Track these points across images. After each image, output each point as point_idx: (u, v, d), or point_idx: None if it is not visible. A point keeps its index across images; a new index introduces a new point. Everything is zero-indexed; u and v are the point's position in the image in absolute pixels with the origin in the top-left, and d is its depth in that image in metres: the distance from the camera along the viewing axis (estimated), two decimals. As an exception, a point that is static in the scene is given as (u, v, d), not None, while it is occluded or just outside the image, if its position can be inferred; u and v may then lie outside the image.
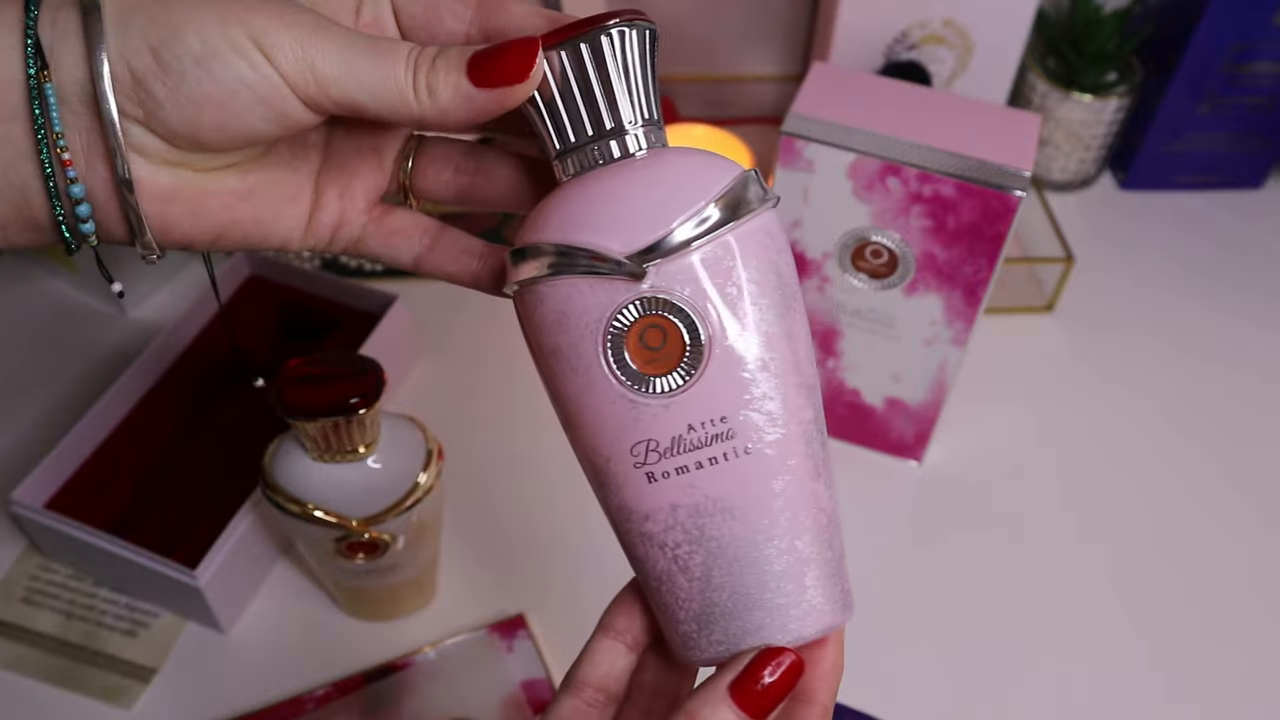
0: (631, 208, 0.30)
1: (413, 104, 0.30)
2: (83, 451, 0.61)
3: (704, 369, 0.30)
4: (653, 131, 0.32)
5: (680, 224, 0.30)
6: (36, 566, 0.60)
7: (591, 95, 0.31)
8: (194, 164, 0.31)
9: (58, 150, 0.29)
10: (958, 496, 0.66)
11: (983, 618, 0.60)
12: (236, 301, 0.69)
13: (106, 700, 0.55)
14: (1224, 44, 0.77)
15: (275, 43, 0.29)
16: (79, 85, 0.29)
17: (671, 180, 0.30)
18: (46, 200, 0.30)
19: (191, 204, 0.31)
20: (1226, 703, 0.57)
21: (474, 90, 0.30)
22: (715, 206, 0.30)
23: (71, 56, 0.28)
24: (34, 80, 0.28)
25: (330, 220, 0.35)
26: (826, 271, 0.59)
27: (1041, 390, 0.72)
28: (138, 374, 0.64)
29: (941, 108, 0.57)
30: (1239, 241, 0.83)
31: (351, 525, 0.50)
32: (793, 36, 0.84)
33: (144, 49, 0.28)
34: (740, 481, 0.31)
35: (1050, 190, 0.86)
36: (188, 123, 0.29)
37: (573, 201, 0.31)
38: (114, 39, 0.28)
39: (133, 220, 0.30)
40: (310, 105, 0.30)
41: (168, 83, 0.28)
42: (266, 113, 0.29)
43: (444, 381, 0.70)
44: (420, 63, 0.30)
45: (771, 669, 0.31)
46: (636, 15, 0.31)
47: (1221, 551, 0.64)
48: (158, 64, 0.28)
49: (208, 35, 0.28)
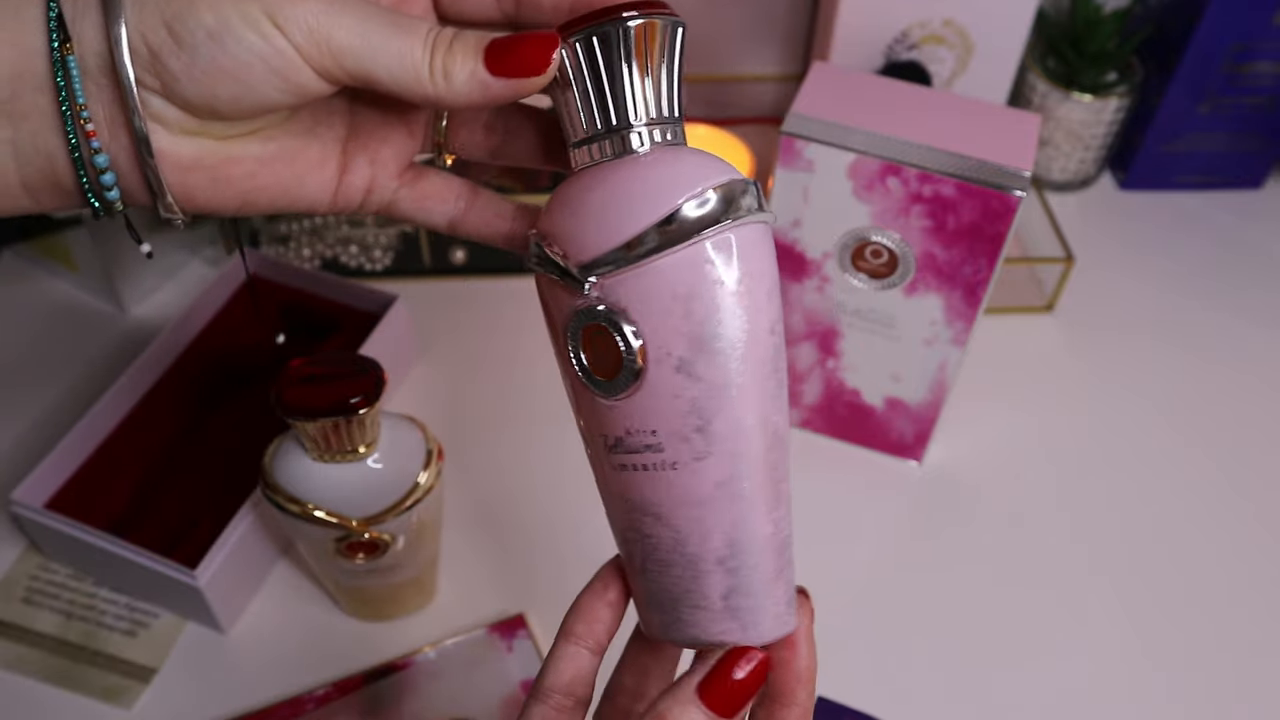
0: (596, 216, 0.30)
1: (427, 85, 0.30)
2: (83, 451, 0.61)
3: (638, 383, 0.31)
4: (664, 128, 0.31)
5: (622, 244, 0.30)
6: (36, 566, 0.60)
7: (600, 89, 0.31)
8: (214, 132, 0.31)
9: (81, 121, 0.30)
10: (957, 496, 0.66)
11: (982, 617, 0.60)
12: (237, 301, 0.69)
13: (106, 700, 0.55)
14: (1224, 44, 0.77)
15: (290, 15, 0.29)
16: (100, 57, 0.29)
17: (636, 192, 0.30)
18: (72, 167, 0.31)
19: (213, 171, 0.32)
20: (1225, 702, 0.57)
21: (489, 78, 0.30)
22: (656, 233, 0.29)
23: (92, 29, 0.29)
24: (57, 52, 0.29)
25: (360, 184, 0.35)
26: (826, 271, 0.59)
27: (1041, 390, 0.72)
28: (138, 374, 0.64)
29: (941, 108, 0.57)
30: (1239, 241, 0.83)
31: (351, 525, 0.50)
32: (793, 36, 0.84)
33: (159, 24, 0.29)
34: (665, 492, 0.31)
35: (1050, 190, 0.86)
36: (203, 94, 0.30)
37: (563, 196, 0.32)
38: (131, 13, 0.29)
39: (154, 187, 0.31)
40: (325, 76, 0.30)
41: (182, 56, 0.29)
42: (281, 84, 0.30)
43: (444, 381, 0.70)
44: (438, 44, 0.30)
45: (739, 668, 0.31)
46: (657, 7, 0.30)
47: (1221, 551, 0.64)
48: (172, 38, 0.29)
49: (221, 9, 0.29)
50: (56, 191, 0.31)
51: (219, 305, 0.69)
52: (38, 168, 0.31)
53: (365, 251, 0.74)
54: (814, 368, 0.64)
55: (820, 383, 0.65)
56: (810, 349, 0.64)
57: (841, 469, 0.67)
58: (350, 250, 0.74)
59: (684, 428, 0.30)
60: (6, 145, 0.30)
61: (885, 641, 0.59)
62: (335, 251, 0.74)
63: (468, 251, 0.75)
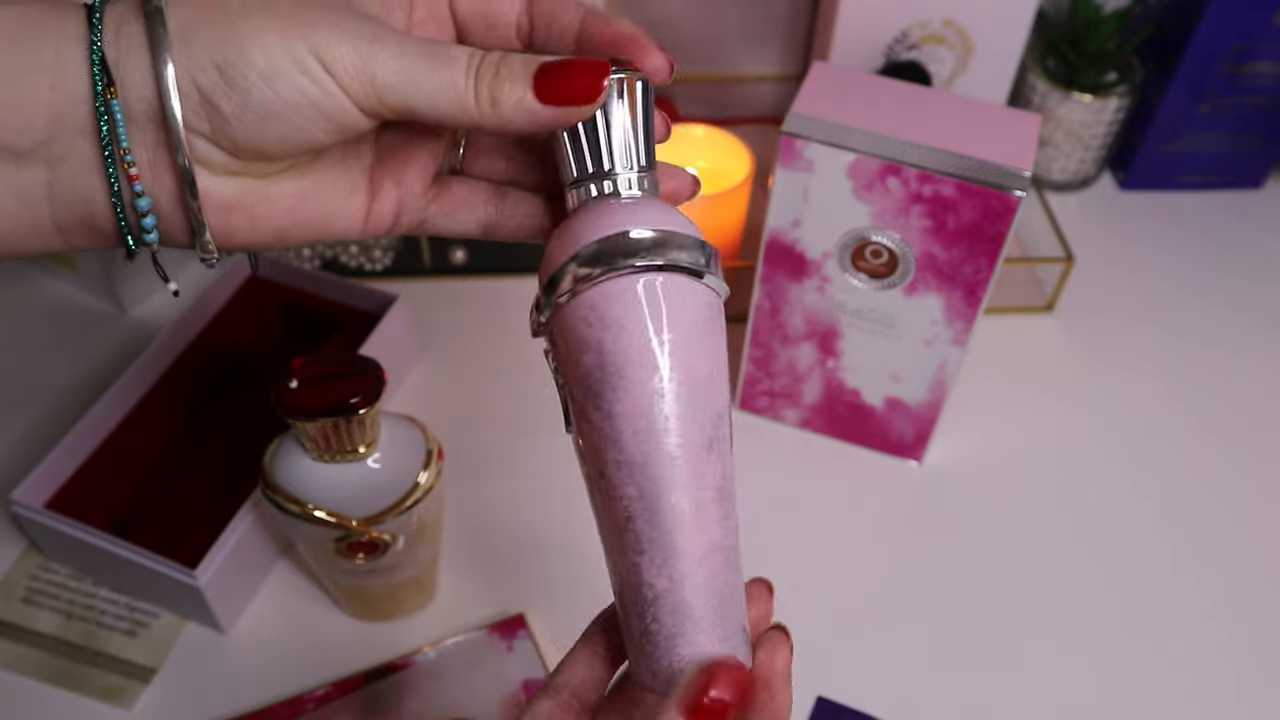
0: (560, 246, 0.31)
1: (473, 112, 0.30)
2: (83, 451, 0.61)
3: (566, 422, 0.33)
4: (649, 175, 0.32)
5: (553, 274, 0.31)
6: (36, 566, 0.60)
7: (603, 135, 0.31)
8: (254, 172, 0.31)
9: (125, 165, 0.29)
10: (958, 496, 0.66)
11: (982, 617, 0.60)
12: (236, 301, 0.69)
13: (106, 700, 0.55)
14: (1224, 44, 0.77)
15: (336, 56, 0.29)
16: (145, 101, 0.29)
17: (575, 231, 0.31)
18: (111, 210, 0.30)
19: (252, 210, 0.32)
20: (1227, 701, 0.57)
21: (538, 105, 0.30)
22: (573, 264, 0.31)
23: (138, 73, 0.29)
24: (100, 97, 0.29)
25: (389, 208, 0.35)
26: (826, 271, 0.59)
27: (1041, 390, 0.72)
28: (138, 374, 0.64)
29: (941, 108, 0.57)
30: (1239, 241, 0.83)
31: (351, 525, 0.50)
32: (793, 36, 0.84)
33: (210, 66, 0.29)
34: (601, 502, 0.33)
35: (1050, 190, 0.86)
36: (252, 136, 0.30)
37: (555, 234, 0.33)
38: (180, 55, 0.29)
39: (195, 227, 0.31)
40: (368, 113, 0.30)
41: (233, 98, 0.29)
42: (327, 124, 0.30)
43: (444, 381, 0.70)
44: (482, 71, 0.30)
45: (719, 687, 0.30)
46: (625, 64, 0.31)
47: (1222, 550, 0.64)
48: (224, 81, 0.29)
49: (271, 51, 0.29)
50: (91, 233, 0.31)
51: (219, 305, 0.69)
52: (73, 210, 0.30)
53: (365, 251, 0.74)
54: (814, 368, 0.64)
55: (820, 383, 0.65)
56: (810, 349, 0.64)
57: (841, 469, 0.67)
58: (350, 250, 0.74)
59: (591, 468, 0.32)
60: (42, 188, 0.30)
61: (885, 641, 0.59)
62: (335, 251, 0.74)
63: (468, 251, 0.75)
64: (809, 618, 0.60)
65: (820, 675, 0.57)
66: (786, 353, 0.64)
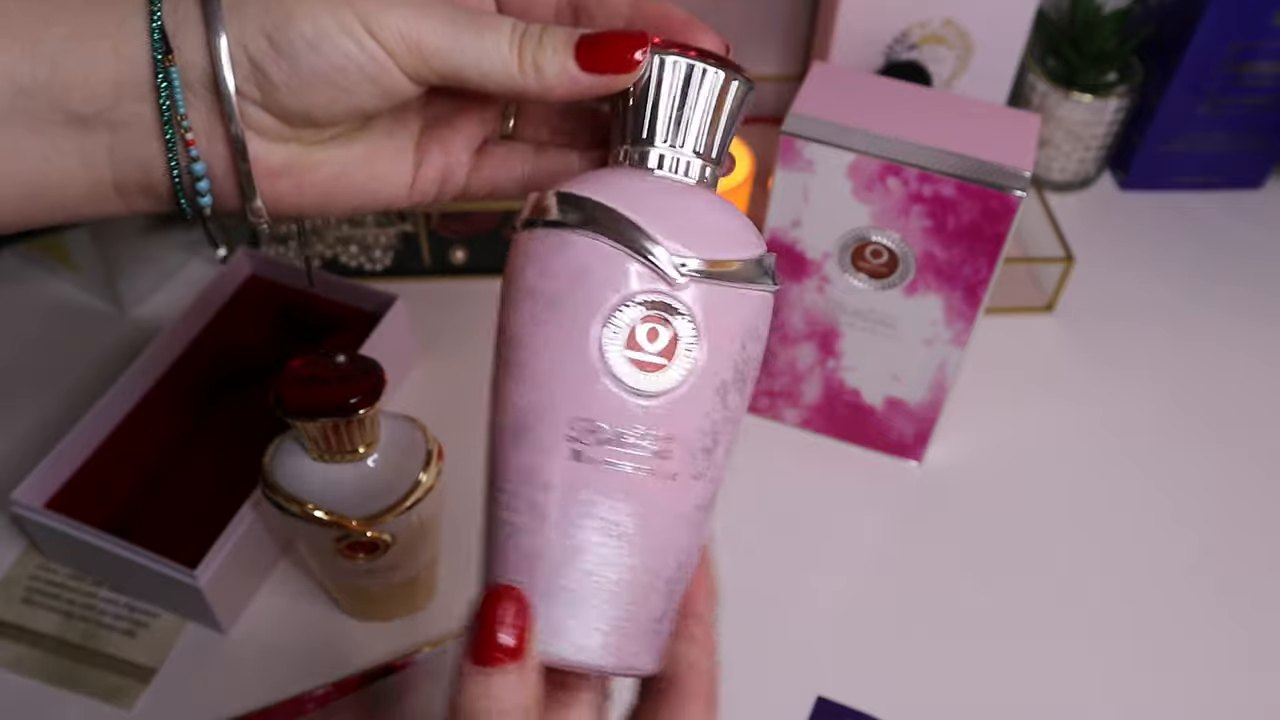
0: (692, 223, 0.31)
1: (517, 78, 0.31)
2: (83, 451, 0.61)
3: (679, 389, 0.30)
4: (707, 168, 0.33)
5: (731, 258, 0.31)
6: (36, 566, 0.60)
7: (668, 109, 0.32)
8: (303, 139, 0.32)
9: (182, 130, 0.31)
10: (958, 496, 0.66)
11: (983, 617, 0.60)
12: (236, 301, 0.69)
13: (106, 700, 0.55)
14: (1224, 44, 0.77)
15: (382, 22, 0.30)
16: (200, 69, 0.30)
17: (729, 219, 0.32)
18: (167, 174, 0.32)
19: (300, 176, 0.33)
20: (1228, 701, 0.57)
21: (580, 73, 0.31)
22: (758, 264, 0.31)
23: (193, 41, 0.30)
24: (160, 64, 0.30)
25: (435, 176, 0.36)
26: (826, 271, 0.59)
27: (1041, 390, 0.72)
28: (138, 374, 0.64)
29: (941, 108, 0.57)
30: (1239, 241, 0.83)
31: (351, 525, 0.50)
32: (793, 36, 0.84)
33: (259, 34, 0.30)
34: (647, 499, 0.31)
35: (1050, 190, 0.86)
36: (301, 101, 0.31)
37: (633, 188, 0.31)
38: (231, 25, 0.30)
39: (246, 192, 0.32)
40: (415, 79, 0.31)
41: (282, 65, 0.30)
42: (374, 88, 0.31)
43: (444, 381, 0.70)
44: (526, 39, 0.31)
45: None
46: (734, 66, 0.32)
47: (1223, 550, 0.64)
48: (273, 48, 0.30)
49: (318, 19, 0.30)
50: (149, 196, 0.32)
51: (219, 305, 0.69)
52: (133, 174, 0.32)
53: (365, 251, 0.74)
54: (814, 368, 0.64)
55: (820, 383, 0.65)
56: (810, 349, 0.64)
57: (841, 469, 0.67)
58: (350, 250, 0.74)
59: (697, 445, 0.31)
60: (105, 152, 0.31)
61: (885, 641, 0.59)
62: (335, 251, 0.74)
63: (468, 251, 0.75)
64: (809, 617, 0.60)
65: (820, 675, 0.57)
66: (786, 353, 0.64)
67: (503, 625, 0.29)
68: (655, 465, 0.30)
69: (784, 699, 0.56)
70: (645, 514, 0.31)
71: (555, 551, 0.30)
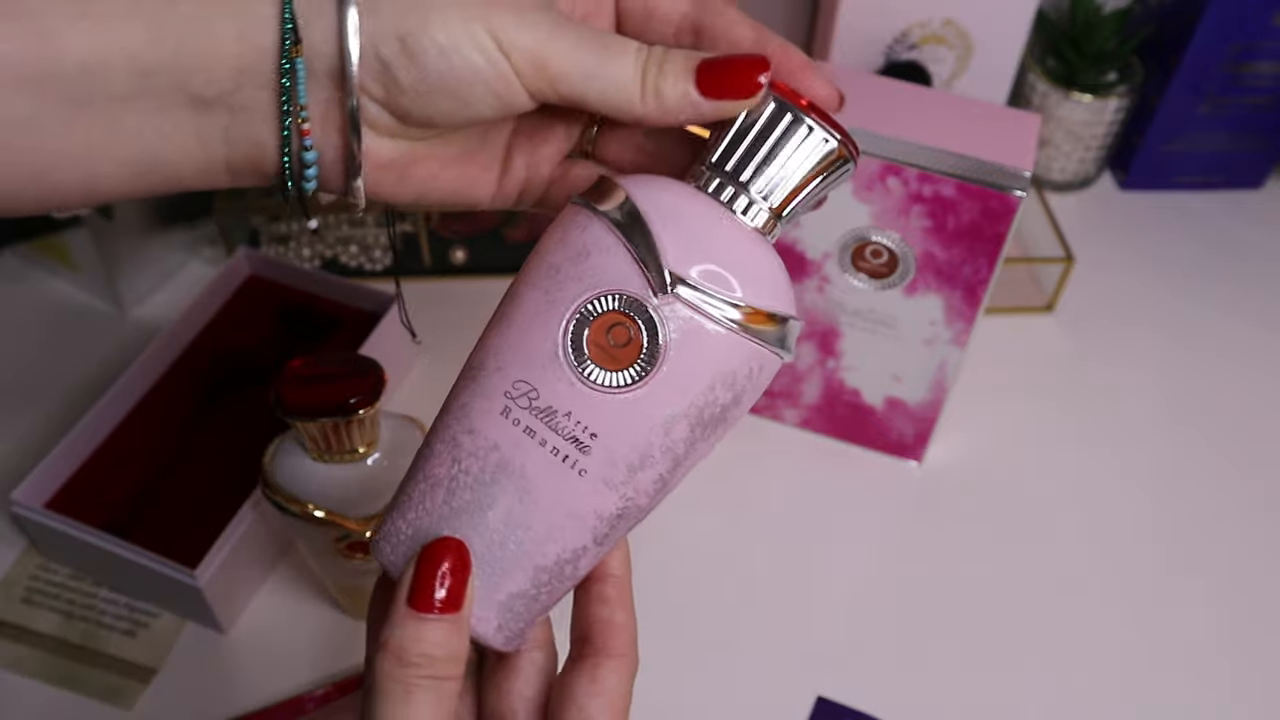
0: (719, 256, 0.31)
1: (637, 105, 0.31)
2: (83, 451, 0.61)
3: (624, 397, 0.31)
4: (771, 220, 0.33)
5: (739, 301, 0.31)
6: (36, 566, 0.60)
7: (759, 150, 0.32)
8: (413, 135, 0.33)
9: (299, 120, 0.31)
10: (958, 496, 0.66)
11: (982, 617, 0.60)
12: (236, 301, 0.69)
13: (106, 700, 0.55)
14: (1224, 44, 0.77)
15: (513, 40, 0.30)
16: (327, 60, 0.30)
17: (765, 270, 0.31)
18: (279, 157, 0.32)
19: (402, 170, 0.33)
20: (1228, 702, 0.57)
21: (700, 99, 0.31)
22: (768, 320, 0.31)
23: (322, 34, 0.30)
24: (286, 54, 0.30)
25: (516, 183, 0.36)
26: (826, 271, 0.59)
27: (1041, 390, 0.72)
28: (137, 374, 0.64)
29: (941, 108, 0.57)
30: (1239, 241, 0.83)
31: (351, 525, 0.50)
32: (793, 36, 0.84)
33: (392, 37, 0.30)
34: (549, 480, 0.31)
35: (1050, 190, 0.85)
36: (424, 106, 0.31)
37: (681, 206, 0.32)
38: (365, 24, 0.30)
39: (351, 179, 0.32)
40: (535, 96, 0.31)
41: (411, 70, 0.30)
42: (495, 102, 0.31)
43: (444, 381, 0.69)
44: (649, 65, 0.31)
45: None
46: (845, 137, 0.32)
47: (1224, 550, 0.64)
48: (404, 53, 0.30)
49: (452, 28, 0.30)
50: (257, 175, 0.33)
51: (219, 305, 0.69)
52: (244, 153, 0.32)
53: (365, 251, 0.74)
54: (814, 368, 0.64)
55: (820, 383, 0.65)
56: (810, 349, 0.64)
57: (841, 469, 0.67)
58: (350, 250, 0.74)
59: (621, 456, 0.31)
60: (220, 131, 0.31)
61: (885, 641, 0.59)
62: (335, 251, 0.74)
63: (468, 251, 0.75)
64: (809, 617, 0.60)
65: (820, 675, 0.57)
66: (786, 353, 0.64)
67: (443, 578, 0.31)
68: (570, 454, 0.31)
69: (784, 699, 0.56)
70: (539, 494, 0.31)
71: (450, 489, 0.32)
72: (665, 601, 0.59)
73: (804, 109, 0.31)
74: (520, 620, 0.33)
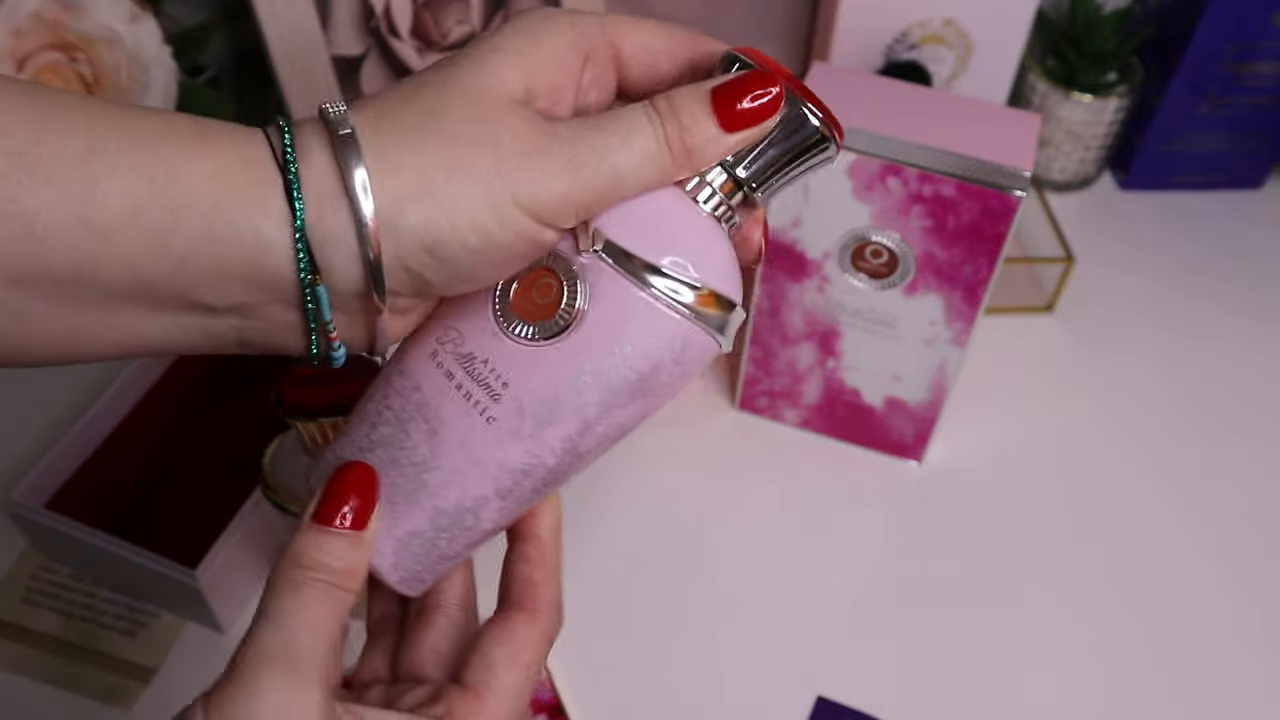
0: (658, 225, 0.31)
1: (671, 170, 0.30)
2: (83, 451, 0.61)
3: (536, 345, 0.31)
4: (741, 211, 0.32)
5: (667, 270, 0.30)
6: (36, 566, 0.60)
7: None
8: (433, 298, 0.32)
9: (328, 333, 0.30)
10: (958, 496, 0.66)
11: (982, 618, 0.60)
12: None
13: (106, 700, 0.55)
14: (1224, 44, 0.77)
15: (542, 204, 0.29)
16: (351, 283, 0.29)
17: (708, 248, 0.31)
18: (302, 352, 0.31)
19: (418, 317, 0.33)
20: (1228, 703, 0.57)
21: (727, 137, 0.30)
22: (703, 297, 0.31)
23: (343, 261, 0.28)
24: (307, 284, 0.28)
25: None
26: (826, 271, 0.59)
27: (1041, 390, 0.72)
28: (138, 374, 0.64)
29: (941, 108, 0.57)
30: (1239, 241, 0.83)
31: (351, 525, 0.50)
32: (793, 36, 0.84)
33: (419, 250, 0.28)
34: (457, 422, 0.32)
35: (1050, 190, 0.86)
36: (454, 288, 0.30)
37: None
38: (389, 246, 0.28)
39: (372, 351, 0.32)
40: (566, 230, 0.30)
41: (441, 271, 0.29)
42: (532, 257, 0.30)
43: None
44: (666, 124, 0.30)
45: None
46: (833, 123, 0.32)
47: (1224, 551, 0.64)
48: (433, 260, 0.29)
49: (481, 223, 0.28)
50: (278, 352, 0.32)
51: (219, 305, 0.69)
52: (261, 346, 0.31)
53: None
54: (814, 368, 0.64)
55: (820, 383, 0.65)
56: (810, 349, 0.64)
57: (841, 469, 0.67)
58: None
59: (529, 407, 0.31)
60: (233, 332, 0.30)
61: (885, 641, 0.59)
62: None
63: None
64: (809, 617, 0.60)
65: (820, 675, 0.57)
66: (786, 353, 0.64)
67: (349, 497, 0.32)
68: (481, 400, 0.31)
69: (784, 699, 0.56)
70: (447, 436, 0.32)
71: (373, 423, 0.33)
72: (665, 601, 0.59)
73: (799, 94, 0.31)
74: (417, 562, 0.33)
